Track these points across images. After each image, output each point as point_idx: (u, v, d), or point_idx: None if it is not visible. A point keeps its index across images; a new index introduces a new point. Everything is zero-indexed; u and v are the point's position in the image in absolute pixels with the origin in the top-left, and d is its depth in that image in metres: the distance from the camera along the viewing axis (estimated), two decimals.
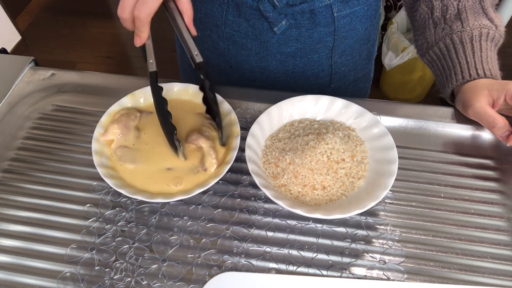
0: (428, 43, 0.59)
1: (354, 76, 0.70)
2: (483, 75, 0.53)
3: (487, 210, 0.49)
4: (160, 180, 0.48)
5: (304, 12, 0.57)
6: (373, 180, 0.48)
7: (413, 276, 0.44)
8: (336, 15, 0.58)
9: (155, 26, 0.47)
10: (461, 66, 0.55)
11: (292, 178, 0.48)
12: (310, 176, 0.48)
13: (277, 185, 0.48)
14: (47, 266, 0.45)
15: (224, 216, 0.49)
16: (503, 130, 0.51)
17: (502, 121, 0.50)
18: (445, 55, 0.57)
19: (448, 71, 0.56)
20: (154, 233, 0.47)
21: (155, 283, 0.44)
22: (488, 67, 0.54)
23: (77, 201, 0.50)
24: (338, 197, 0.48)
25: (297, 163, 0.48)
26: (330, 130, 0.51)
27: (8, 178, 0.52)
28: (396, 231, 0.48)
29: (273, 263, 0.45)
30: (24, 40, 2.10)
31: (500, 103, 0.51)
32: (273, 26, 0.58)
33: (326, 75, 0.67)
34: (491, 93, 0.52)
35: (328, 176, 0.48)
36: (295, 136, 0.52)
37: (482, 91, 0.52)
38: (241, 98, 0.60)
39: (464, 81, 0.54)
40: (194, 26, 0.47)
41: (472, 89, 0.53)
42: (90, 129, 0.56)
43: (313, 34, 0.60)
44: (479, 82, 0.53)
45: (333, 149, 0.49)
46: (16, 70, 0.64)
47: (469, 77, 0.54)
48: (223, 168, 0.47)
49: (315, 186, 0.48)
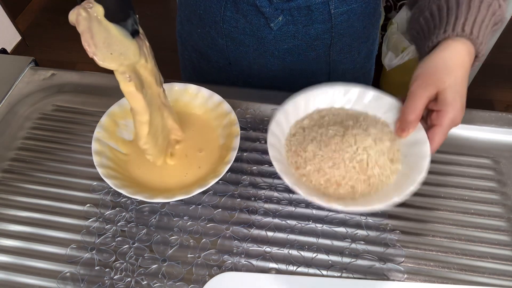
0: (421, 10, 0.50)
1: (353, 75, 0.70)
2: (468, 33, 0.44)
3: (487, 210, 0.49)
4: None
5: (300, 8, 0.57)
6: (402, 176, 0.45)
7: (413, 276, 0.44)
8: (333, 12, 0.58)
9: (155, 26, 0.47)
10: (449, 21, 0.45)
11: (314, 170, 0.45)
12: (334, 169, 0.44)
13: (300, 174, 0.45)
14: (47, 266, 0.45)
15: (224, 216, 0.49)
16: (408, 124, 0.45)
17: (414, 118, 0.44)
18: (435, 16, 0.48)
19: (435, 29, 0.47)
20: (154, 233, 0.47)
21: (155, 283, 0.44)
22: (479, 29, 0.44)
23: (77, 201, 0.50)
24: (364, 194, 0.44)
25: (321, 155, 0.45)
26: (362, 125, 0.47)
27: (8, 178, 0.52)
28: (396, 231, 0.48)
29: (273, 263, 0.45)
30: (24, 40, 2.10)
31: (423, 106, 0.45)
32: (270, 22, 0.58)
33: (324, 73, 0.67)
34: (437, 92, 0.43)
35: (353, 170, 0.44)
36: (321, 125, 0.48)
37: (440, 80, 0.43)
38: (241, 98, 0.60)
39: (445, 36, 0.45)
40: (194, 23, 0.44)
41: (436, 71, 0.44)
42: (90, 129, 0.56)
43: (310, 30, 0.60)
44: (447, 73, 0.43)
45: (361, 143, 0.45)
46: (16, 70, 0.64)
47: (451, 31, 0.44)
48: (223, 168, 0.47)
49: (337, 180, 0.44)
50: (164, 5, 2.33)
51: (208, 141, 0.53)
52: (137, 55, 0.41)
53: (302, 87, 0.68)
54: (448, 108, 0.42)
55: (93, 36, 0.37)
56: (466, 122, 0.57)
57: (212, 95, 0.55)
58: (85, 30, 0.37)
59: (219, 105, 0.54)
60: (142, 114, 0.43)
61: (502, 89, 1.87)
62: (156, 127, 0.47)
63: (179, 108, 0.56)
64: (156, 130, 0.47)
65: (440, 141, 0.44)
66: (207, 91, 0.55)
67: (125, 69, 0.40)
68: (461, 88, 0.43)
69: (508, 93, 1.85)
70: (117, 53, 0.38)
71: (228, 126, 0.52)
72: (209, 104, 0.55)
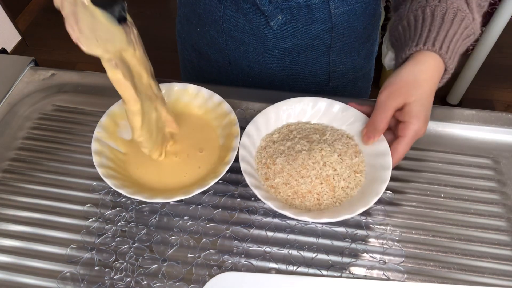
0: (400, 18, 0.52)
1: (353, 75, 0.70)
2: (438, 48, 0.46)
3: (487, 210, 0.49)
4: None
5: (300, 7, 0.57)
6: (365, 187, 0.47)
7: (413, 276, 0.44)
8: (333, 11, 0.58)
9: (155, 26, 0.47)
10: (422, 34, 0.47)
11: (282, 183, 0.47)
12: (300, 183, 0.47)
13: (268, 186, 0.48)
14: (47, 266, 0.45)
15: (224, 216, 0.49)
16: (377, 131, 0.47)
17: (383, 127, 0.47)
18: (411, 26, 0.50)
19: (409, 40, 0.49)
20: (154, 233, 0.47)
21: (155, 283, 0.44)
22: (448, 44, 0.46)
23: (77, 201, 0.50)
24: (329, 206, 0.46)
25: (288, 169, 0.47)
26: (328, 138, 0.50)
27: (8, 178, 0.52)
28: (396, 231, 0.48)
29: (273, 263, 0.45)
30: (24, 40, 2.10)
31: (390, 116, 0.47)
32: (270, 21, 0.58)
33: (324, 73, 0.67)
34: (404, 104, 0.46)
35: (320, 185, 0.47)
36: (289, 139, 0.51)
37: (408, 93, 0.45)
38: (241, 98, 0.60)
39: (417, 49, 0.47)
40: (193, 22, 0.44)
41: (407, 83, 0.46)
42: (90, 129, 0.56)
43: (310, 30, 0.60)
44: (416, 83, 0.46)
45: (328, 159, 0.47)
46: (16, 70, 0.64)
47: (422, 45, 0.46)
48: (223, 168, 0.47)
49: (304, 193, 0.47)
50: (164, 5, 2.33)
51: (208, 141, 0.53)
52: (124, 42, 0.40)
53: (302, 87, 0.68)
54: (413, 120, 0.45)
55: (78, 21, 0.36)
56: (466, 122, 0.57)
57: (212, 95, 0.55)
58: (69, 14, 0.36)
59: (219, 105, 0.54)
60: (132, 103, 0.43)
61: (502, 89, 1.87)
62: (150, 119, 0.46)
63: (179, 108, 0.56)
64: (150, 122, 0.46)
65: (404, 151, 0.46)
66: (207, 91, 0.55)
67: (111, 56, 0.39)
68: (427, 102, 0.46)
69: (508, 93, 1.85)
70: (102, 39, 0.37)
71: (228, 126, 0.52)
72: (209, 104, 0.55)
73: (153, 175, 0.50)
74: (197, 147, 0.53)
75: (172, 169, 0.51)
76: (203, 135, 0.54)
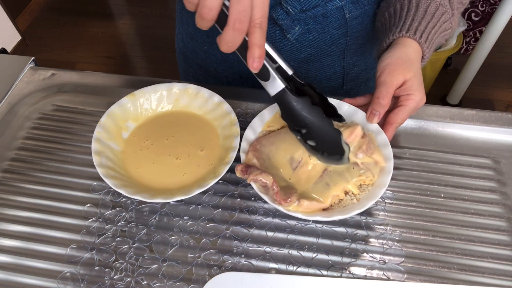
0: (388, 4, 0.56)
1: (365, 75, 0.70)
2: (418, 37, 0.50)
3: (487, 210, 0.49)
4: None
5: (316, 16, 0.57)
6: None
7: (413, 276, 0.44)
8: (348, 16, 0.58)
9: (155, 26, 0.47)
10: (405, 22, 0.51)
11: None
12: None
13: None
14: (47, 266, 0.45)
15: (224, 216, 0.49)
16: (381, 107, 0.48)
17: (387, 102, 0.48)
18: (397, 14, 0.53)
19: (393, 26, 0.53)
20: (154, 233, 0.47)
21: (155, 283, 0.44)
22: (428, 35, 0.51)
23: (77, 201, 0.50)
24: (334, 208, 0.46)
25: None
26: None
27: (8, 178, 0.52)
28: (396, 231, 0.48)
29: (273, 263, 0.45)
30: (24, 40, 2.10)
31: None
32: (287, 34, 0.58)
33: (338, 77, 0.67)
34: (404, 81, 0.49)
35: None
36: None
37: (406, 70, 0.48)
38: (241, 98, 0.60)
39: (400, 35, 0.51)
40: (199, 40, 0.43)
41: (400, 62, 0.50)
42: (90, 129, 0.56)
43: (326, 37, 0.60)
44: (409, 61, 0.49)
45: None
46: (16, 70, 0.64)
47: (405, 32, 0.50)
48: (223, 168, 0.47)
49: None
50: (164, 5, 2.33)
51: (208, 141, 0.53)
52: None
53: None
54: (416, 92, 0.48)
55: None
56: (466, 122, 0.57)
57: (212, 96, 0.55)
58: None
59: (219, 106, 0.54)
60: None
61: (502, 89, 1.87)
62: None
63: (179, 108, 0.56)
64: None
65: (404, 118, 0.49)
66: (207, 91, 0.55)
67: None
68: (420, 77, 0.50)
69: (508, 93, 1.85)
70: None
71: (228, 126, 0.52)
72: (209, 105, 0.55)
73: (153, 175, 0.50)
74: (198, 147, 0.53)
75: (171, 169, 0.51)
76: (203, 135, 0.54)
